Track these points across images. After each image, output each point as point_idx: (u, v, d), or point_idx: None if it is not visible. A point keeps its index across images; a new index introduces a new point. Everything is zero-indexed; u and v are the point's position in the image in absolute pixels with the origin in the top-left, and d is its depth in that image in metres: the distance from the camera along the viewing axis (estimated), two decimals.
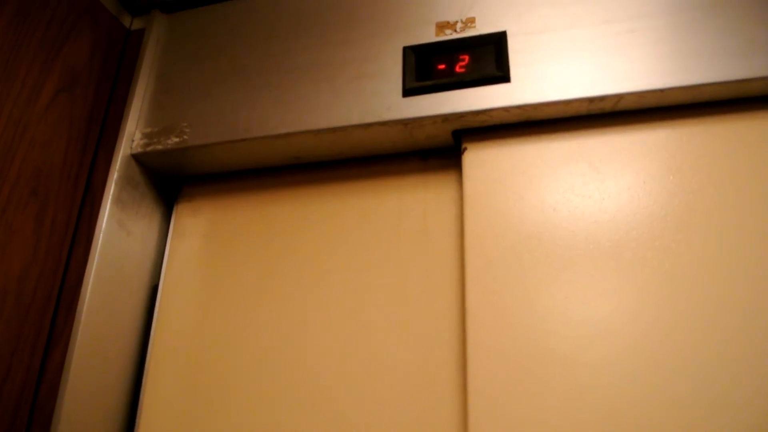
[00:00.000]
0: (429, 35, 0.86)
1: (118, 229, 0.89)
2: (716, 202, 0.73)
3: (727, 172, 0.74)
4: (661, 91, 0.74)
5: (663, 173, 0.76)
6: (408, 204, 0.89)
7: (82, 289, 0.82)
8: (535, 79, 0.78)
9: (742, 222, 0.71)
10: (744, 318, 0.66)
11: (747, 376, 0.63)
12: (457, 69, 0.82)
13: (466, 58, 0.82)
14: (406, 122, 0.82)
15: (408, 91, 0.82)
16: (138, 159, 0.94)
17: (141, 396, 0.88)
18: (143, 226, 0.95)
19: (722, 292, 0.68)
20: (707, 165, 0.75)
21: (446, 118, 0.80)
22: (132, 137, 0.93)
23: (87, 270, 0.83)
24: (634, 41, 0.77)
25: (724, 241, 0.70)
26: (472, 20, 0.85)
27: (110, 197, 0.88)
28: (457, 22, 0.86)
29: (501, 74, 0.79)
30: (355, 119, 0.83)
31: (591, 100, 0.77)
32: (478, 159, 0.82)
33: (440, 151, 0.90)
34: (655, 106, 0.78)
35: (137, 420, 0.87)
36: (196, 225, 0.98)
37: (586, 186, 0.77)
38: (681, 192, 0.74)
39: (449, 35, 0.85)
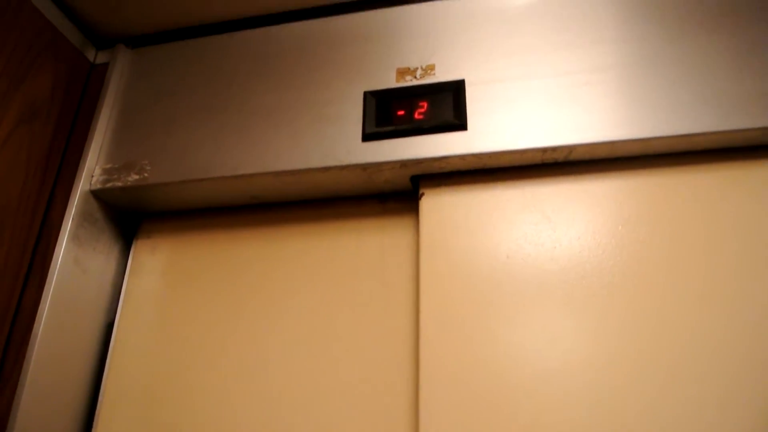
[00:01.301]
0: (390, 81, 0.88)
1: (74, 267, 0.88)
2: (663, 253, 0.75)
3: (675, 223, 0.76)
4: (612, 143, 0.77)
5: (612, 223, 0.78)
6: (366, 246, 0.89)
7: (34, 329, 0.81)
8: (491, 128, 0.80)
9: (687, 273, 0.73)
10: (684, 361, 0.68)
11: (687, 413, 0.65)
12: (416, 115, 0.83)
13: (425, 104, 0.84)
14: (365, 167, 0.83)
15: (368, 136, 0.83)
16: (97, 195, 0.93)
17: None
18: (100, 262, 0.94)
19: (668, 340, 0.70)
20: (655, 216, 0.77)
21: (404, 163, 0.82)
22: (92, 173, 0.93)
23: (39, 310, 0.82)
24: (587, 93, 0.80)
25: (670, 291, 0.72)
26: (432, 67, 0.87)
27: (67, 233, 0.87)
28: (417, 68, 0.88)
29: (459, 122, 0.81)
30: (315, 162, 0.84)
31: (544, 150, 0.79)
32: (435, 204, 0.84)
33: (398, 194, 0.91)
34: (606, 157, 0.81)
35: None
36: (154, 262, 0.97)
37: (538, 234, 0.79)
38: (629, 242, 0.76)
39: (409, 81, 0.87)
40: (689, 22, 0.81)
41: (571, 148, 0.78)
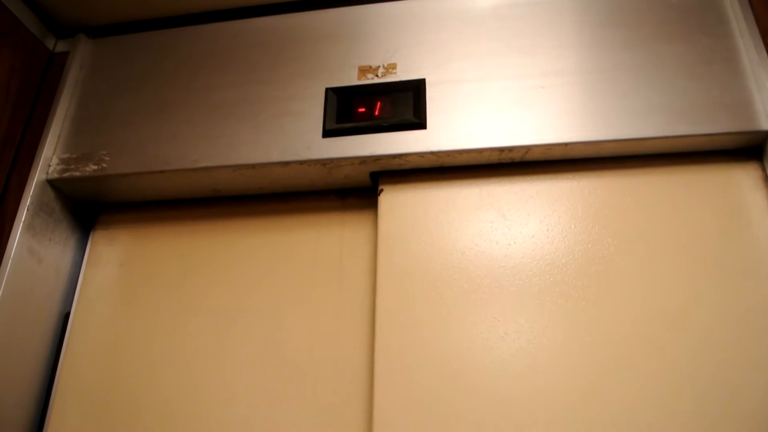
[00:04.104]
0: (351, 78, 0.89)
1: (29, 257, 0.87)
2: (612, 252, 0.77)
3: (624, 223, 0.79)
4: (566, 144, 0.79)
5: (565, 222, 0.80)
6: (325, 241, 0.90)
7: None
8: (449, 127, 0.82)
9: (636, 270, 0.76)
10: (630, 354, 0.71)
11: (636, 413, 0.68)
12: (377, 113, 0.85)
13: (386, 102, 0.85)
14: (324, 162, 0.84)
15: (328, 132, 0.84)
16: (54, 185, 0.92)
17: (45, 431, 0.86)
18: (56, 253, 0.93)
19: (615, 335, 0.72)
20: (606, 216, 0.79)
21: (364, 160, 0.83)
22: (49, 162, 0.91)
23: None
24: (543, 97, 0.82)
25: (618, 288, 0.75)
26: (393, 66, 0.88)
27: (21, 223, 0.86)
28: (379, 67, 0.89)
29: (418, 121, 0.83)
30: (275, 157, 0.85)
31: (501, 150, 0.81)
32: (394, 201, 0.85)
33: (358, 190, 0.92)
34: (560, 159, 0.83)
35: None
36: (111, 253, 0.96)
37: (493, 232, 0.81)
38: (581, 241, 0.78)
39: (371, 79, 0.88)
40: (644, 31, 0.84)
41: (527, 149, 0.80)
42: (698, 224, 0.77)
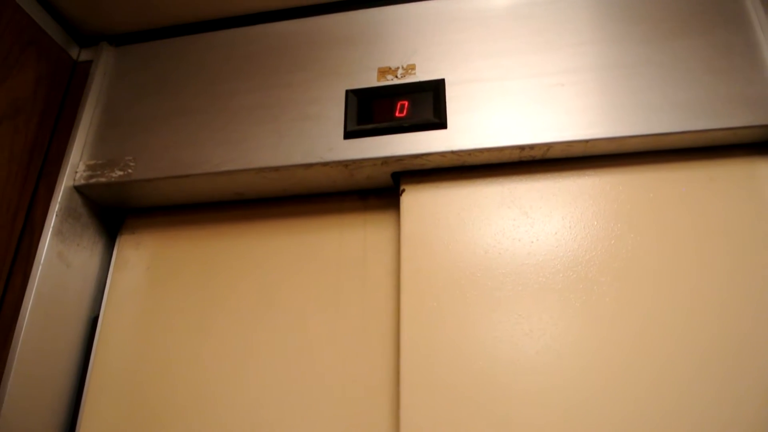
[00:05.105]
0: (371, 80, 0.89)
1: (58, 262, 0.89)
2: (636, 247, 0.77)
3: (647, 218, 0.79)
4: (587, 141, 0.79)
5: (588, 219, 0.80)
6: (348, 242, 0.91)
7: (18, 324, 0.81)
8: (470, 126, 0.82)
9: (660, 265, 0.76)
10: (660, 353, 0.71)
11: (662, 409, 0.68)
12: (397, 114, 0.85)
13: (406, 103, 0.86)
14: (346, 163, 0.85)
15: (349, 134, 0.85)
16: (81, 191, 0.94)
17: None
18: (84, 258, 0.95)
19: (640, 331, 0.72)
20: (628, 212, 0.80)
21: (385, 160, 0.84)
22: (75, 169, 0.93)
23: (23, 304, 0.82)
24: (562, 94, 0.82)
25: (641, 284, 0.75)
26: (412, 67, 0.89)
27: (51, 229, 0.88)
28: (398, 68, 0.89)
29: (438, 121, 0.83)
30: (298, 159, 0.85)
31: (522, 147, 0.81)
32: (416, 200, 0.86)
33: (380, 191, 0.93)
34: (582, 155, 0.83)
35: None
36: (138, 257, 0.98)
37: (516, 229, 0.81)
38: (603, 237, 0.79)
39: (390, 80, 0.89)
40: (662, 26, 0.84)
41: (548, 146, 0.80)
42: (722, 219, 0.77)
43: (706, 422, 0.67)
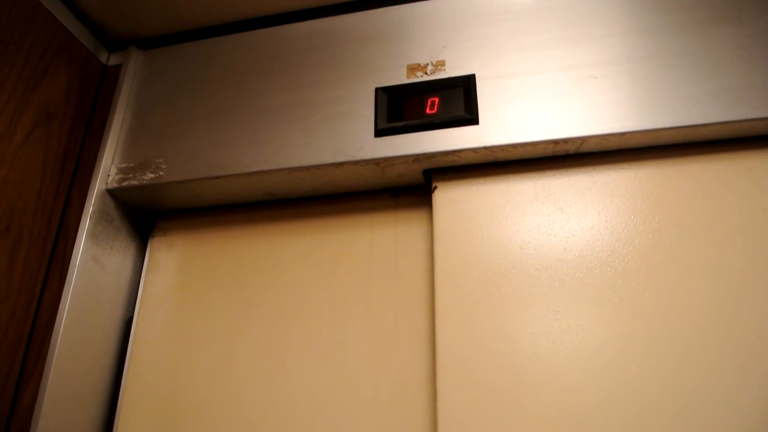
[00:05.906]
0: (400, 77, 0.89)
1: (93, 264, 0.89)
2: (675, 241, 0.76)
3: (685, 211, 0.77)
4: (622, 134, 0.78)
5: (624, 213, 0.79)
6: (380, 240, 0.91)
7: (55, 326, 0.82)
8: (502, 122, 0.82)
9: (699, 260, 0.74)
10: (696, 347, 0.69)
11: (698, 397, 0.66)
12: (428, 110, 0.85)
13: (437, 99, 0.85)
14: (378, 161, 0.84)
15: (380, 132, 0.85)
16: (113, 194, 0.94)
17: None
18: (118, 260, 0.95)
19: (680, 326, 0.71)
20: (666, 205, 0.78)
21: (417, 158, 0.83)
22: (108, 172, 0.94)
23: (60, 306, 0.83)
24: (595, 87, 0.81)
25: (682, 278, 0.74)
26: (442, 63, 0.88)
27: (85, 232, 0.89)
28: (427, 64, 0.89)
29: (470, 116, 0.82)
30: (329, 158, 0.85)
31: (555, 142, 0.80)
32: (448, 197, 0.85)
33: (411, 188, 0.93)
34: (616, 149, 0.82)
35: None
36: (170, 259, 0.99)
37: (551, 225, 0.80)
38: (641, 231, 0.77)
39: (420, 77, 0.88)
40: (695, 15, 0.83)
41: (582, 140, 0.79)
42: (763, 209, 0.75)
43: (754, 414, 0.65)
